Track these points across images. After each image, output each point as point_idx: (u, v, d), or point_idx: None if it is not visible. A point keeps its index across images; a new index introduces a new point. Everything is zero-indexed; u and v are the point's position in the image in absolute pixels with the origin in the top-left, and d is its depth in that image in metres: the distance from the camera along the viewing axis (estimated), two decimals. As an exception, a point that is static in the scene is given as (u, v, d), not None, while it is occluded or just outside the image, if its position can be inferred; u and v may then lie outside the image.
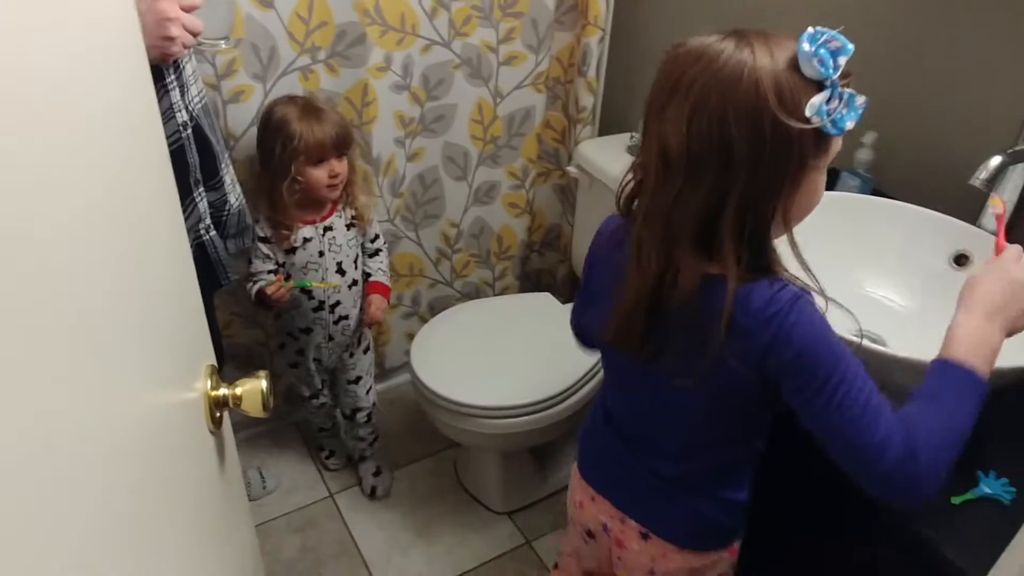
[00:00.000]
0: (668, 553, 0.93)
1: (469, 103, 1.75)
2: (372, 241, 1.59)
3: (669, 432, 0.89)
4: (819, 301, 0.74)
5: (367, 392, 1.70)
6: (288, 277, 1.48)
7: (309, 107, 1.39)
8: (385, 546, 1.67)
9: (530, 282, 2.21)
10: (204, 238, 1.20)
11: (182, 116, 1.07)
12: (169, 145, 1.04)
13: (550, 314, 1.74)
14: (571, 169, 1.79)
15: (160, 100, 1.03)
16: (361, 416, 1.71)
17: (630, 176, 0.81)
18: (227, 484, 0.76)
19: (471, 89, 1.73)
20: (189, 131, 1.10)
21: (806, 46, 0.67)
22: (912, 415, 0.70)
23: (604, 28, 1.75)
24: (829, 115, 0.68)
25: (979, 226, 1.10)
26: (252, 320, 1.74)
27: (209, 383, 0.68)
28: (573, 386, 1.53)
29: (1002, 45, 1.09)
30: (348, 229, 1.51)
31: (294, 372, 1.65)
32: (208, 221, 1.20)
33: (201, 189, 1.17)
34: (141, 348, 0.52)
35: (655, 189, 0.74)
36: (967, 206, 1.09)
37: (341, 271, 1.52)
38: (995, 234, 0.84)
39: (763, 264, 0.73)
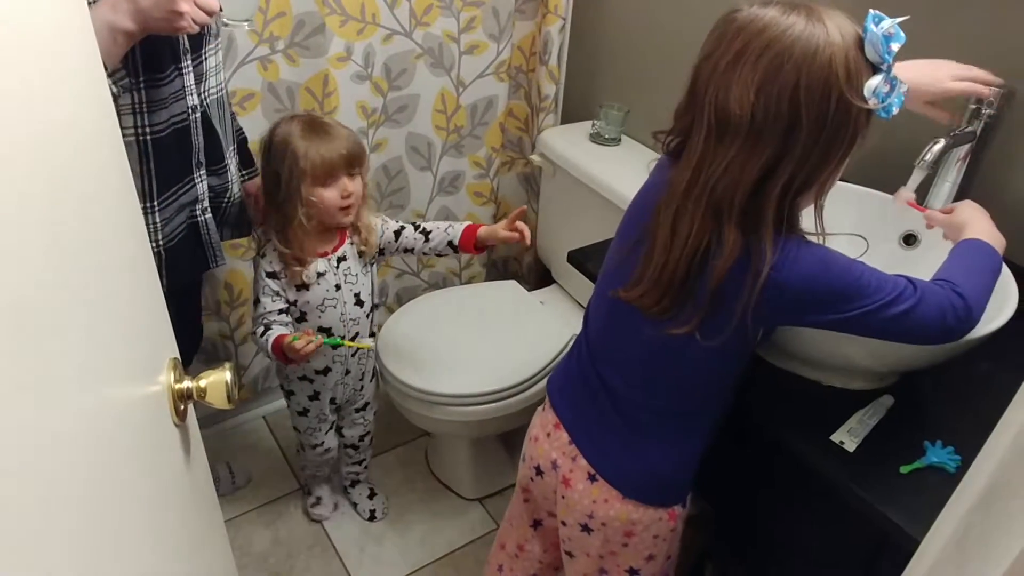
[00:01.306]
0: (610, 499, 0.95)
1: (432, 93, 1.75)
2: (399, 234, 1.40)
3: (650, 371, 0.91)
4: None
5: (373, 415, 1.62)
6: (302, 317, 1.35)
7: (313, 123, 1.26)
8: (357, 536, 1.68)
9: (496, 270, 2.22)
10: (199, 219, 1.20)
11: (192, 100, 1.09)
12: (177, 124, 1.07)
13: (517, 302, 1.75)
14: (535, 157, 1.80)
15: (172, 80, 1.05)
16: (366, 440, 1.65)
17: (672, 136, 0.82)
18: (194, 477, 0.76)
19: (433, 79, 1.73)
20: (198, 115, 1.11)
21: (874, 27, 0.70)
22: (944, 273, 0.82)
23: (564, 17, 1.76)
24: (883, 99, 0.71)
25: (926, 206, 1.14)
26: (216, 313, 1.72)
27: (172, 376, 0.68)
28: (541, 372, 1.55)
29: (945, 30, 1.13)
30: (360, 256, 1.37)
31: (303, 420, 1.52)
32: (206, 204, 1.21)
33: (203, 172, 1.18)
34: (97, 342, 0.51)
35: (703, 155, 0.75)
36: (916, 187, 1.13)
37: (359, 302, 1.39)
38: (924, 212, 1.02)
39: (789, 227, 0.78)
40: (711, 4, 1.48)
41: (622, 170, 1.61)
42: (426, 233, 1.40)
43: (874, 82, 0.71)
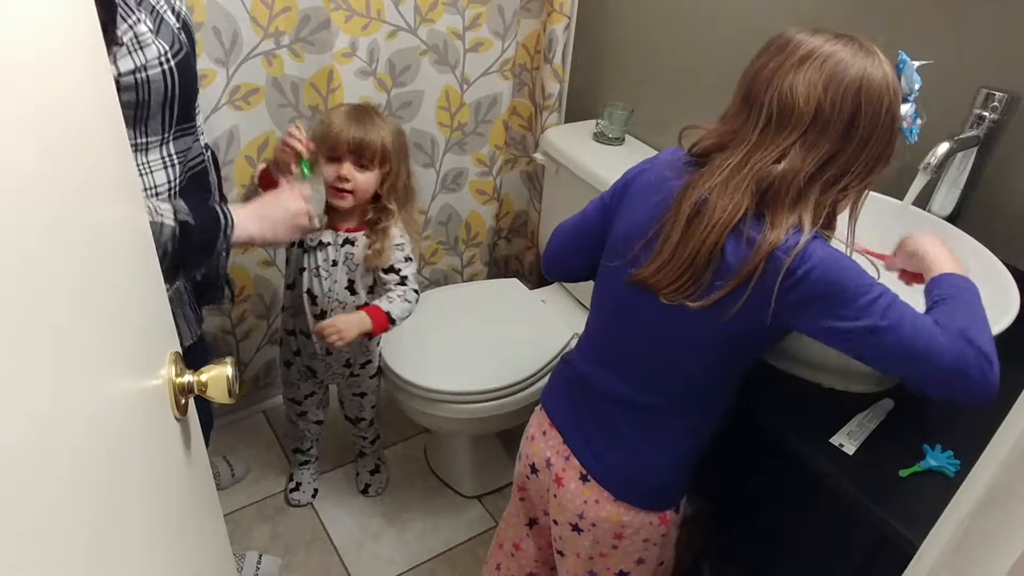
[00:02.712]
0: (601, 500, 0.96)
1: (436, 90, 1.75)
2: (387, 272, 1.39)
3: (654, 368, 0.91)
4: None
5: (372, 407, 1.66)
6: (296, 280, 1.40)
7: (361, 107, 1.35)
8: (356, 532, 1.68)
9: (498, 268, 2.22)
10: None
11: (204, 139, 1.11)
12: (196, 167, 1.07)
13: (518, 300, 1.75)
14: (538, 156, 1.80)
15: (198, 124, 1.10)
16: (363, 423, 1.69)
17: (705, 136, 0.85)
18: (194, 471, 0.76)
19: (438, 76, 1.73)
20: (209, 153, 1.13)
21: (911, 61, 0.78)
22: (949, 316, 0.78)
23: (570, 15, 1.76)
24: (914, 120, 0.79)
25: (929, 211, 1.14)
26: (217, 308, 1.72)
27: (174, 370, 0.68)
28: (541, 370, 1.55)
29: (948, 37, 1.13)
30: (366, 259, 1.38)
31: (285, 372, 1.59)
32: None
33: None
34: (101, 336, 0.52)
35: (756, 144, 0.79)
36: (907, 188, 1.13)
37: (352, 289, 1.41)
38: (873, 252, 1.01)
39: (825, 225, 0.81)
40: (716, 5, 1.48)
41: (625, 169, 1.60)
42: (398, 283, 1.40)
43: (906, 108, 0.78)
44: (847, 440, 0.89)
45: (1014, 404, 0.45)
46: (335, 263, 1.39)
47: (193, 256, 0.99)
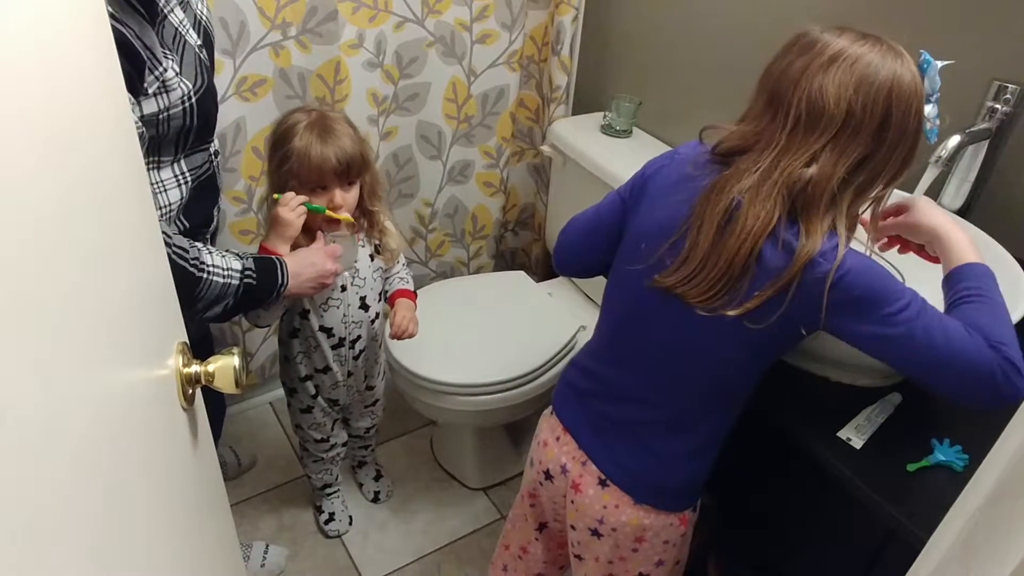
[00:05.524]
0: (622, 505, 0.95)
1: (443, 81, 1.74)
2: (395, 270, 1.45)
3: (671, 372, 0.90)
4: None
5: (383, 408, 1.61)
6: (304, 314, 1.32)
7: (321, 121, 1.20)
8: (362, 523, 1.69)
9: (504, 261, 2.22)
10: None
11: (215, 145, 1.10)
12: (204, 174, 1.08)
13: (524, 292, 1.75)
14: (545, 148, 1.79)
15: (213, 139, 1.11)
16: (372, 431, 1.65)
17: (728, 137, 0.83)
18: (201, 461, 0.77)
19: (445, 67, 1.72)
20: (218, 158, 1.14)
21: (934, 62, 0.78)
22: (977, 319, 0.77)
23: (577, 7, 1.75)
24: (934, 120, 0.79)
25: (940, 204, 1.13)
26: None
27: (181, 360, 0.68)
28: (547, 363, 1.55)
29: (960, 29, 1.11)
30: (372, 260, 1.35)
31: (307, 417, 1.48)
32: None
33: (218, 205, 1.19)
34: (107, 326, 0.52)
35: (784, 148, 0.77)
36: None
37: (364, 306, 1.36)
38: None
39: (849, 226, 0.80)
40: (726, -4, 1.47)
41: (632, 162, 1.58)
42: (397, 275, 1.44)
43: (929, 108, 0.78)
44: (855, 434, 0.88)
45: (1025, 398, 0.44)
46: (344, 288, 1.33)
47: (245, 306, 1.08)
